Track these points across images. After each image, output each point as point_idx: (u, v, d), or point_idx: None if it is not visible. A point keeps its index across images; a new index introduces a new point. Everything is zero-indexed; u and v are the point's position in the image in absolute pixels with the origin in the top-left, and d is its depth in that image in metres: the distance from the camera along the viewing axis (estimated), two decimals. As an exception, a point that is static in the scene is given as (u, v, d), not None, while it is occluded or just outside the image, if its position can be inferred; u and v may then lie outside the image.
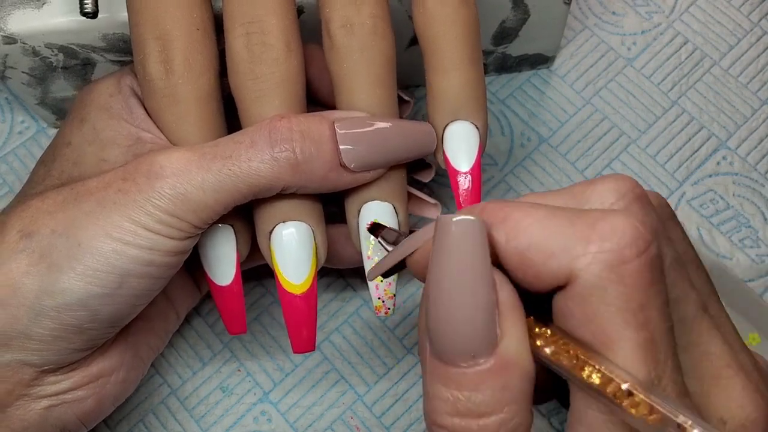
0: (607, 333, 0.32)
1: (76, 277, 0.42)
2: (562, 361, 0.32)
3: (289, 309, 0.46)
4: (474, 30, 0.46)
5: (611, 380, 0.31)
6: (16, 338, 0.42)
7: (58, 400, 0.46)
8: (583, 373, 0.32)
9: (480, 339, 0.32)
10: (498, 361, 0.32)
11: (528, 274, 0.33)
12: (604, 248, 0.31)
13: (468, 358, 0.32)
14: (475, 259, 0.32)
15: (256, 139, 0.43)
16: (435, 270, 0.33)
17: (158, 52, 0.44)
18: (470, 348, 0.32)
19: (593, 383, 0.31)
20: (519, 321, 0.33)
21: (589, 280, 0.32)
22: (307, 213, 0.46)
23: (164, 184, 0.42)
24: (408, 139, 0.46)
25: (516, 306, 0.33)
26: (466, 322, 0.32)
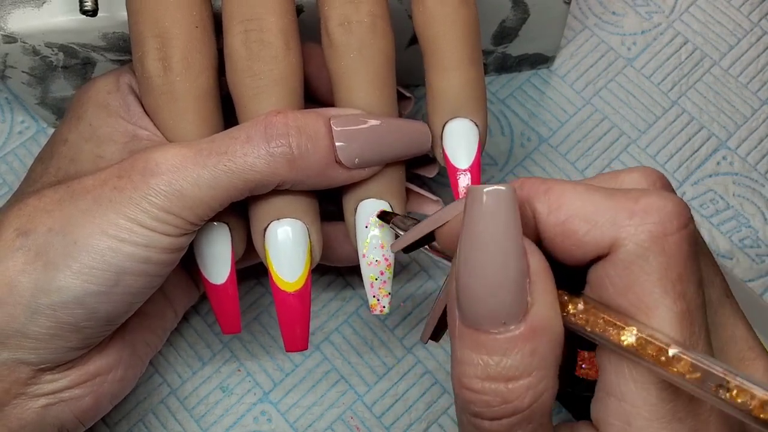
0: (646, 301, 0.33)
1: (73, 275, 0.42)
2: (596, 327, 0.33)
3: (282, 307, 0.46)
4: (474, 30, 0.46)
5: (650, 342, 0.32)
6: (13, 337, 0.42)
7: (55, 399, 0.46)
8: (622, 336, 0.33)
9: (511, 305, 0.33)
10: (528, 326, 0.33)
11: (568, 243, 0.34)
12: (647, 220, 0.33)
13: (499, 324, 0.33)
14: (507, 227, 0.33)
15: (252, 135, 0.43)
16: (466, 238, 0.33)
17: (157, 50, 0.44)
18: (501, 314, 0.33)
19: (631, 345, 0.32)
20: (549, 288, 0.34)
21: (632, 249, 0.33)
22: (303, 210, 0.46)
23: (160, 180, 0.42)
24: (402, 137, 0.46)
25: (546, 273, 0.34)
26: (498, 289, 0.33)
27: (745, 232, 0.60)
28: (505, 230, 0.33)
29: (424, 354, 0.58)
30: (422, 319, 0.59)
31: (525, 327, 0.33)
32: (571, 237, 0.34)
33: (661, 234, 0.33)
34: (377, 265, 0.47)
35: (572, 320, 0.34)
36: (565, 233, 0.34)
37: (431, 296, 0.60)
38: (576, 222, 0.34)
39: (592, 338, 0.34)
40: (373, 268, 0.47)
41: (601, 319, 0.33)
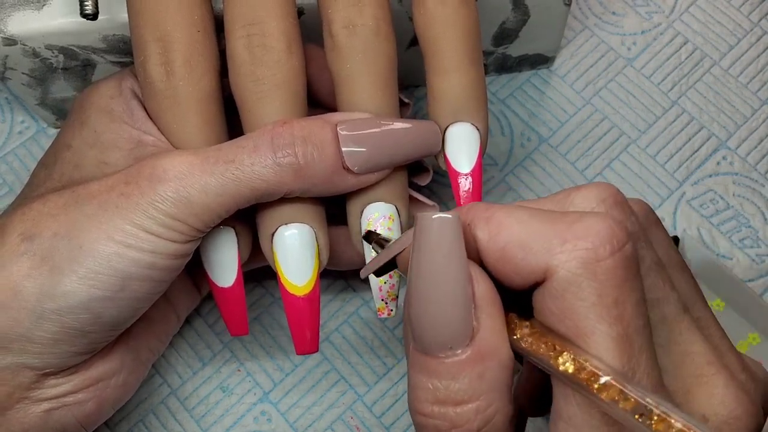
0: (581, 327, 0.33)
1: (78, 280, 0.42)
2: (539, 351, 0.34)
3: (291, 311, 0.46)
4: (474, 31, 0.46)
5: (584, 367, 0.32)
6: (17, 341, 0.42)
7: (58, 403, 0.45)
8: (559, 361, 0.33)
9: (456, 331, 0.33)
10: (474, 351, 0.34)
11: (507, 269, 0.34)
12: (579, 246, 0.33)
13: (446, 349, 0.34)
14: (450, 255, 0.33)
15: (259, 144, 0.43)
16: (414, 265, 0.34)
17: (159, 54, 0.44)
18: (447, 339, 0.33)
19: (567, 370, 0.32)
20: (495, 313, 0.34)
21: (565, 276, 0.33)
22: (310, 215, 0.46)
23: (167, 187, 0.42)
24: (416, 139, 0.46)
25: (492, 299, 0.34)
26: (443, 315, 0.33)
27: (745, 232, 0.60)
28: (448, 258, 0.33)
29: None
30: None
31: (471, 351, 0.33)
32: (509, 263, 0.34)
33: (593, 260, 0.32)
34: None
35: (519, 344, 0.35)
36: (504, 259, 0.34)
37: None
38: (512, 249, 0.34)
39: (536, 363, 0.34)
40: None
41: (543, 344, 0.34)
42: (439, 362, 0.34)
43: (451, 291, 0.33)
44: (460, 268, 0.33)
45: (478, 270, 0.34)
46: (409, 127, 0.46)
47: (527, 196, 0.62)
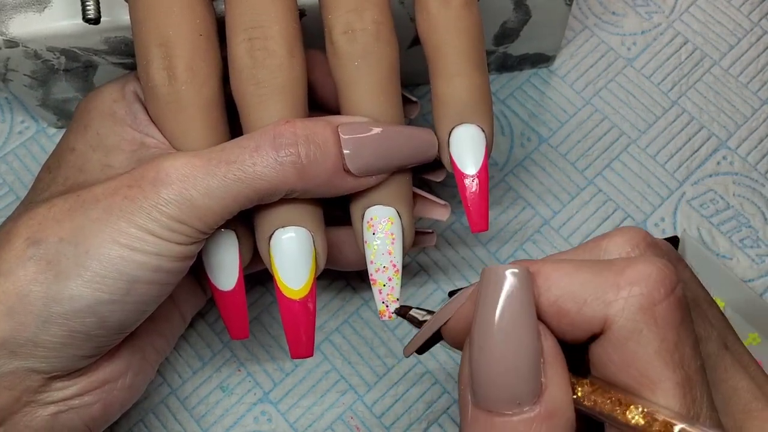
0: (647, 374, 0.33)
1: (84, 284, 0.42)
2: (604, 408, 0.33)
3: (287, 314, 0.46)
4: (478, 35, 0.46)
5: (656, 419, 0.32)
6: (24, 346, 0.42)
7: (65, 406, 0.45)
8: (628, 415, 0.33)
9: (526, 387, 0.33)
10: (543, 409, 0.33)
11: (563, 323, 0.34)
12: (634, 292, 0.33)
13: (514, 406, 0.33)
14: (522, 309, 0.33)
15: (261, 144, 0.43)
16: (481, 320, 0.33)
17: (161, 59, 0.44)
18: (516, 396, 0.33)
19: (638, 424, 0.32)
20: (562, 369, 0.34)
21: (625, 324, 0.33)
22: (308, 218, 0.46)
23: (170, 190, 0.42)
24: (409, 145, 0.46)
25: (559, 355, 0.34)
26: (514, 371, 0.33)
27: (745, 232, 0.61)
28: (520, 313, 0.33)
29: (424, 354, 0.58)
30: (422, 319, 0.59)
31: (541, 409, 0.33)
32: (565, 317, 0.34)
33: (650, 304, 0.33)
34: (385, 271, 0.47)
35: (581, 402, 0.34)
36: (559, 314, 0.34)
37: (431, 296, 0.60)
38: (567, 302, 0.34)
39: (601, 419, 0.34)
40: (381, 274, 0.47)
41: (608, 399, 0.33)
42: (506, 420, 0.33)
43: (523, 346, 0.33)
44: (532, 322, 0.33)
45: (543, 325, 0.34)
46: (406, 132, 0.46)
47: (527, 196, 0.62)
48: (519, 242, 0.61)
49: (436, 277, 0.60)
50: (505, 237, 0.61)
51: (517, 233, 0.61)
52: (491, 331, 0.33)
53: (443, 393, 0.57)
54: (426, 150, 0.47)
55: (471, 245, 0.61)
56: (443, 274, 0.60)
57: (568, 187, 0.62)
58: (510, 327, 0.33)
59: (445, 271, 0.61)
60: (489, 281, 0.33)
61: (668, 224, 0.61)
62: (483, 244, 0.61)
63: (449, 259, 0.61)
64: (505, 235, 0.61)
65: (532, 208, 0.62)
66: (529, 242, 0.61)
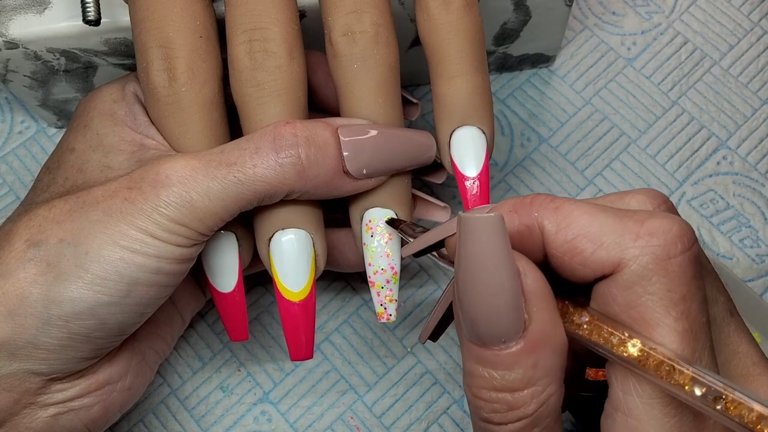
0: (648, 319, 0.34)
1: (84, 286, 0.42)
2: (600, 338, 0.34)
3: (287, 316, 0.46)
4: (478, 37, 0.46)
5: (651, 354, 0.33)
6: (24, 348, 0.42)
7: (65, 408, 0.45)
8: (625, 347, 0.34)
9: (507, 325, 0.34)
10: (527, 343, 0.34)
11: (575, 262, 0.35)
12: (652, 242, 0.34)
13: (499, 342, 0.34)
14: (496, 254, 0.33)
15: (261, 145, 0.43)
16: (461, 264, 0.34)
17: (161, 60, 0.44)
18: (499, 333, 0.34)
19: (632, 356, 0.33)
20: (546, 305, 0.35)
21: (636, 270, 0.34)
22: (307, 220, 0.46)
23: (170, 192, 0.42)
24: (407, 148, 0.46)
25: (542, 291, 0.35)
26: (493, 311, 0.34)
27: (745, 232, 0.61)
28: (494, 256, 0.33)
29: (425, 354, 0.58)
30: (422, 319, 0.59)
31: (524, 343, 0.34)
32: (578, 256, 0.35)
33: (665, 256, 0.33)
34: (383, 273, 0.47)
35: (576, 330, 0.35)
36: (572, 252, 0.35)
37: (431, 296, 0.60)
38: (583, 241, 0.35)
39: (594, 349, 0.35)
40: (379, 276, 0.47)
41: (605, 330, 0.34)
42: (493, 354, 0.35)
43: (500, 287, 0.34)
44: (507, 265, 0.34)
45: (526, 263, 0.35)
46: (404, 135, 0.46)
47: (527, 196, 0.62)
48: (519, 242, 0.61)
49: (436, 278, 0.60)
50: (505, 237, 0.61)
51: (517, 233, 0.61)
52: (469, 274, 0.34)
53: (443, 393, 0.57)
54: (423, 153, 0.47)
55: (471, 245, 0.61)
56: (443, 274, 0.60)
57: (568, 187, 0.62)
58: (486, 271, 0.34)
59: (445, 271, 0.60)
60: (464, 228, 0.34)
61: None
62: (483, 245, 0.61)
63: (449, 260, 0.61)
64: (505, 235, 0.61)
65: (532, 208, 0.62)
66: (529, 242, 0.61)
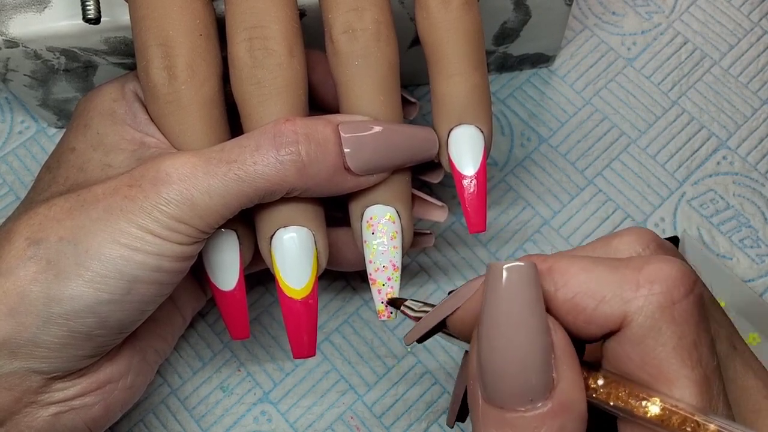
0: (665, 372, 0.33)
1: (85, 284, 0.42)
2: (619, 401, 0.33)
3: (289, 314, 0.46)
4: (477, 36, 0.45)
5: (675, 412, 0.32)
6: (24, 346, 0.42)
7: (66, 407, 0.45)
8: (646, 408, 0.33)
9: (538, 383, 0.33)
10: (555, 404, 0.33)
11: (579, 320, 0.34)
12: (654, 290, 0.33)
13: (526, 402, 0.33)
14: (531, 304, 0.33)
15: (261, 143, 0.43)
16: (489, 317, 0.33)
17: (161, 59, 0.44)
18: (528, 392, 0.33)
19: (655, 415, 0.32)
20: (574, 364, 0.34)
21: (644, 322, 0.33)
22: (309, 217, 0.46)
23: (171, 190, 0.42)
24: (410, 144, 0.46)
25: (570, 349, 0.34)
26: (524, 367, 0.33)
27: (745, 232, 0.61)
28: (529, 307, 0.33)
29: (424, 354, 0.58)
30: (422, 319, 0.59)
31: (553, 404, 0.33)
32: (581, 314, 0.34)
33: (670, 303, 0.33)
34: (384, 270, 0.47)
35: (594, 396, 0.34)
36: (575, 310, 0.34)
37: (432, 297, 0.60)
38: (584, 299, 0.34)
39: (615, 412, 0.34)
40: (380, 273, 0.47)
41: (623, 392, 0.33)
42: (518, 416, 0.33)
43: (533, 342, 0.32)
44: (541, 317, 0.33)
45: (553, 319, 0.34)
46: (406, 131, 0.46)
47: (527, 196, 0.62)
48: (519, 242, 0.61)
49: (436, 278, 0.60)
50: (505, 237, 0.61)
51: (517, 233, 0.61)
52: (500, 327, 0.33)
53: (443, 393, 0.57)
54: (427, 148, 0.47)
55: (471, 245, 0.61)
56: (443, 274, 0.60)
57: (568, 187, 0.62)
58: (519, 322, 0.32)
59: (445, 272, 0.61)
60: (496, 276, 0.33)
61: (668, 224, 0.61)
62: (483, 245, 0.61)
63: (449, 260, 0.61)
64: (505, 235, 0.61)
65: (532, 208, 0.62)
66: (529, 242, 0.61)
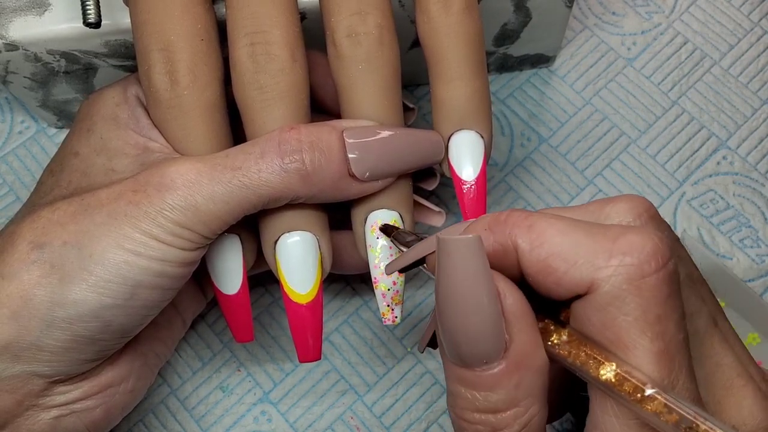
0: (623, 340, 0.33)
1: (88, 289, 0.42)
2: (578, 360, 0.34)
3: (294, 318, 0.46)
4: (478, 40, 0.45)
5: (627, 379, 0.32)
6: (27, 349, 0.42)
7: (67, 410, 0.46)
8: (600, 371, 0.33)
9: (488, 346, 0.34)
10: (509, 364, 0.34)
11: (549, 281, 0.34)
12: (625, 262, 0.33)
13: (480, 363, 0.34)
14: (476, 276, 0.33)
15: (266, 150, 0.43)
16: (440, 286, 0.34)
17: (163, 63, 0.44)
18: (481, 354, 0.34)
19: (609, 380, 0.33)
20: (526, 326, 0.34)
21: (610, 291, 0.33)
22: (313, 222, 0.46)
23: (175, 195, 0.42)
24: (416, 148, 0.46)
25: (522, 311, 0.34)
26: (474, 332, 0.34)
27: (745, 232, 0.61)
28: (473, 278, 0.33)
29: (425, 354, 0.58)
30: (423, 319, 0.59)
31: (506, 364, 0.34)
32: (551, 275, 0.34)
33: (639, 276, 0.33)
34: (389, 275, 0.47)
35: (556, 351, 0.35)
36: (546, 271, 0.34)
37: (431, 297, 0.60)
38: (556, 261, 0.34)
39: (572, 370, 0.34)
40: (384, 278, 0.47)
41: (583, 352, 0.34)
42: (475, 375, 0.34)
43: (480, 309, 0.33)
44: (486, 287, 0.33)
45: (505, 283, 0.35)
46: (412, 135, 0.46)
47: (527, 196, 0.62)
48: (519, 242, 0.61)
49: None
50: (505, 237, 0.61)
51: (517, 233, 0.61)
52: (449, 296, 0.34)
53: (443, 393, 0.57)
54: (433, 153, 0.47)
55: (471, 246, 0.61)
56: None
57: (568, 187, 0.62)
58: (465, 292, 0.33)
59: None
60: (442, 250, 0.33)
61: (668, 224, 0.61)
62: (483, 245, 0.61)
63: (449, 260, 0.61)
64: (505, 235, 0.61)
65: (532, 208, 0.62)
66: (529, 242, 0.61)
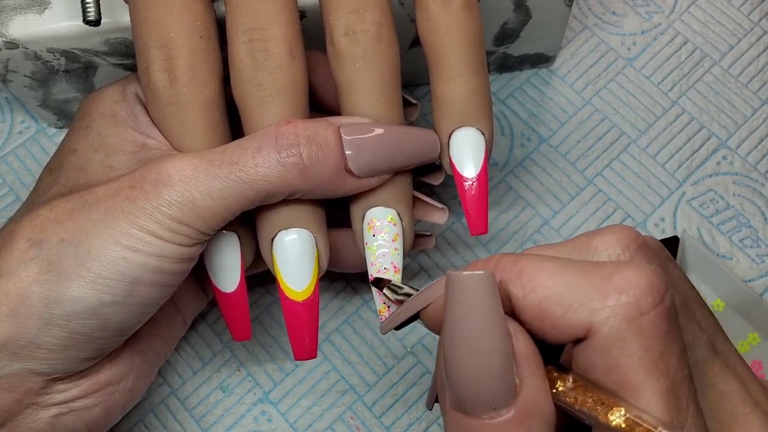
0: (630, 382, 0.32)
1: (86, 285, 0.42)
2: (585, 406, 0.33)
3: (290, 316, 0.46)
4: (478, 37, 0.45)
5: (638, 423, 0.32)
6: (26, 347, 0.42)
7: (66, 408, 0.45)
8: (609, 417, 0.32)
9: (499, 391, 0.33)
10: (518, 410, 0.33)
11: (546, 326, 0.34)
12: (621, 301, 0.32)
13: (489, 410, 0.33)
14: (488, 313, 0.32)
15: (263, 145, 0.43)
16: (449, 325, 0.33)
17: (162, 61, 0.44)
18: (490, 400, 0.33)
19: (619, 426, 0.32)
20: (537, 369, 0.34)
21: (609, 332, 0.32)
22: (310, 219, 0.46)
23: (172, 191, 0.42)
24: (411, 145, 0.46)
25: (532, 355, 0.34)
26: (485, 375, 0.32)
27: (745, 232, 0.61)
28: (487, 317, 0.32)
29: (424, 354, 0.58)
30: (422, 319, 0.59)
31: (515, 411, 0.33)
32: (548, 320, 0.34)
33: (637, 314, 0.32)
34: (386, 272, 0.47)
35: (561, 398, 0.34)
36: (542, 316, 0.34)
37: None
38: (551, 305, 0.33)
39: (581, 417, 0.34)
40: (381, 275, 0.47)
41: (590, 398, 0.33)
42: (482, 423, 0.33)
43: (492, 350, 0.32)
44: (499, 325, 0.32)
45: (515, 325, 0.34)
46: (407, 133, 0.46)
47: (527, 196, 0.62)
48: (519, 242, 0.61)
49: (436, 278, 0.60)
50: (505, 237, 0.61)
51: (517, 233, 0.61)
52: (458, 336, 0.33)
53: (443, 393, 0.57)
54: (428, 151, 0.47)
55: (471, 246, 0.61)
56: (443, 274, 0.60)
57: (568, 187, 0.62)
58: (476, 331, 0.32)
59: (445, 272, 0.60)
60: (454, 287, 0.33)
61: (668, 224, 0.61)
62: (483, 245, 0.61)
63: (450, 260, 0.61)
64: (505, 235, 0.61)
65: (532, 208, 0.62)
66: (529, 242, 0.61)
